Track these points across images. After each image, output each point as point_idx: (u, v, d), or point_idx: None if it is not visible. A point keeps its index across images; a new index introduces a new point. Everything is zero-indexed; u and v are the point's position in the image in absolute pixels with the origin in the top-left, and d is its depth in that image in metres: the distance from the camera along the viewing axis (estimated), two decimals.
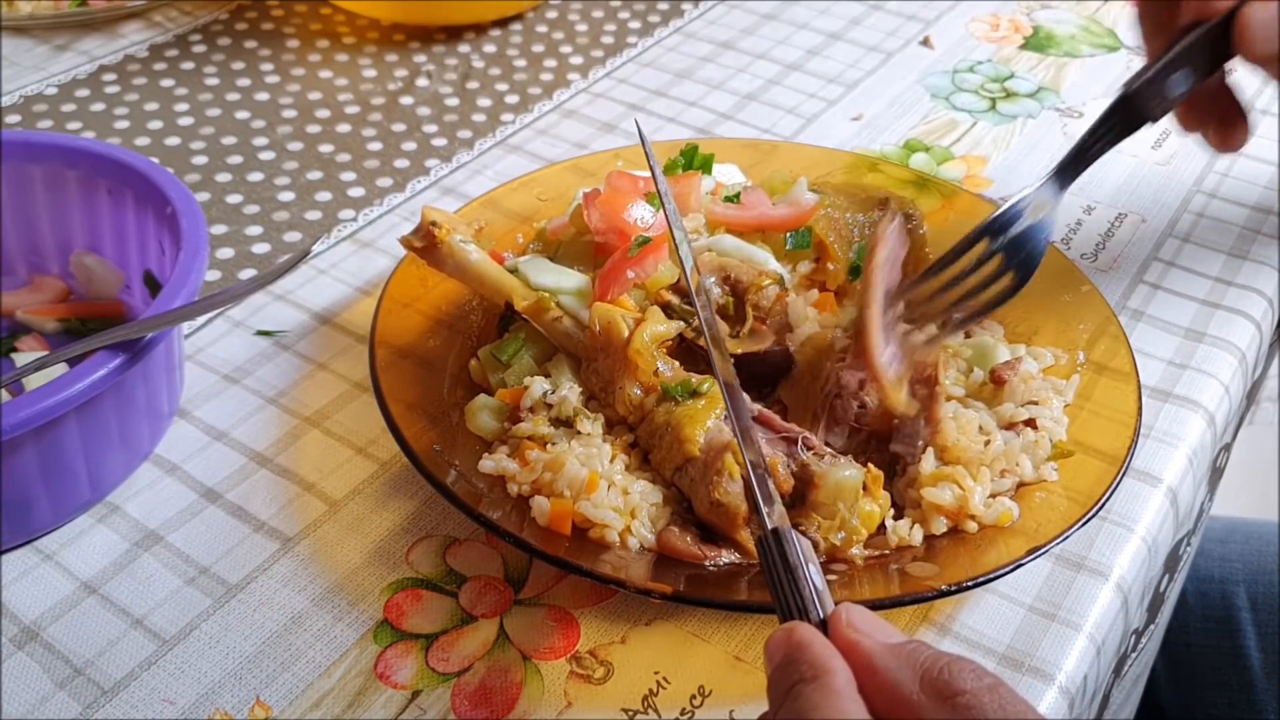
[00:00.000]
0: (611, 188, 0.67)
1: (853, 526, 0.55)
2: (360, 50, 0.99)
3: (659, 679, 0.53)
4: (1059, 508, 0.56)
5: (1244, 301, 0.74)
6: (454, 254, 0.63)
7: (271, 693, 0.52)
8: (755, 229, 0.67)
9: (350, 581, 0.57)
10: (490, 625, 0.55)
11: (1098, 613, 0.56)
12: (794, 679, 0.40)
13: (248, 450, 0.63)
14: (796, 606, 0.43)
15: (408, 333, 0.65)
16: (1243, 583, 0.93)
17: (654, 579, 0.52)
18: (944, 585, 0.51)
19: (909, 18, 1.05)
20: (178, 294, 0.57)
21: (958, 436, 0.58)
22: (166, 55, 0.97)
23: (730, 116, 0.91)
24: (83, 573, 0.57)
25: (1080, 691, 0.54)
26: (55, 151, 0.67)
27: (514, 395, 0.61)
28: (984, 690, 0.38)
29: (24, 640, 0.54)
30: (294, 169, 0.85)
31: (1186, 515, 0.66)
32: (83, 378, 0.53)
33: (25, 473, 0.54)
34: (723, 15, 1.05)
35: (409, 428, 0.58)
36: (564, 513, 0.55)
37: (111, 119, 0.89)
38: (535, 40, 1.02)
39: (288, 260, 0.60)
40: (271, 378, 0.67)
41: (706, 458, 0.55)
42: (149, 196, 0.65)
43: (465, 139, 0.89)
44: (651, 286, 0.63)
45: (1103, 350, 0.65)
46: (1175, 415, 0.66)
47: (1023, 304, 0.68)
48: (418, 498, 0.61)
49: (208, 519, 0.59)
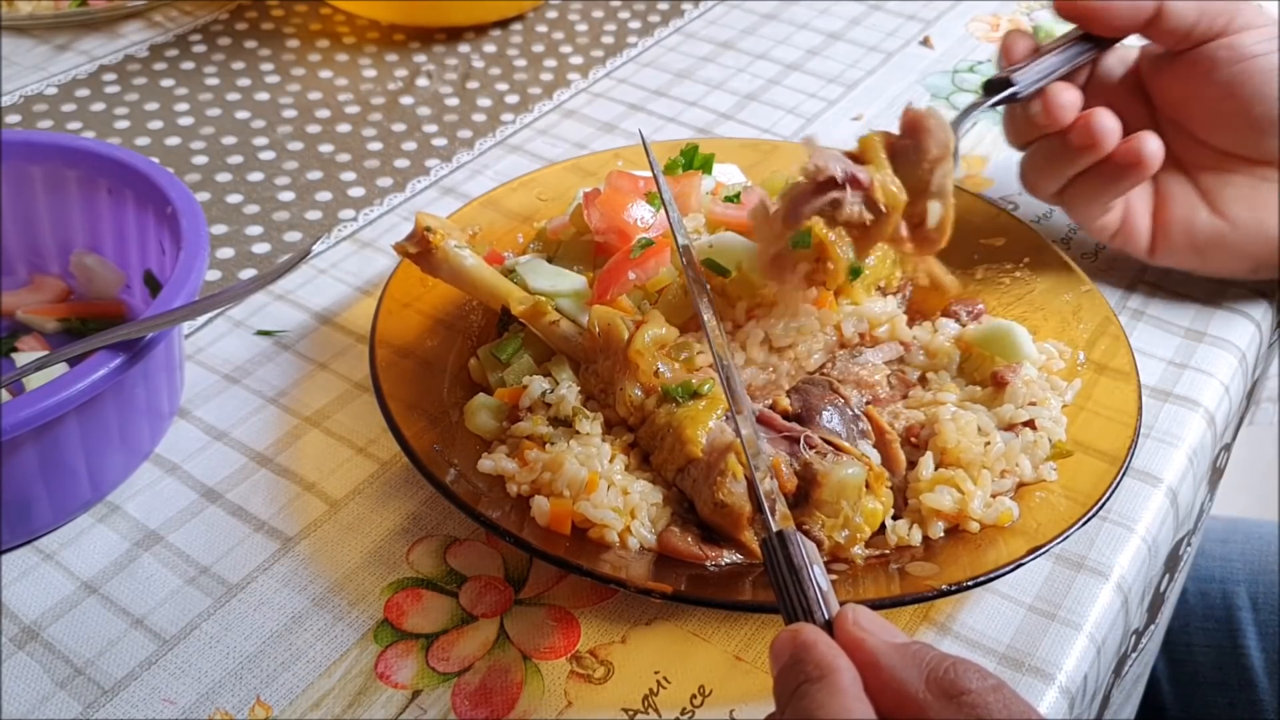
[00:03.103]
0: (611, 188, 0.67)
1: (856, 524, 0.55)
2: (360, 50, 0.99)
3: (659, 679, 0.53)
4: (1059, 508, 0.56)
5: (1244, 301, 0.74)
6: (449, 259, 0.63)
7: (272, 692, 0.52)
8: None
9: (350, 581, 0.57)
10: (490, 625, 0.55)
11: (1098, 612, 0.56)
12: (800, 679, 0.40)
13: (248, 450, 0.63)
14: (802, 608, 0.44)
15: (408, 333, 0.65)
16: (1243, 583, 0.93)
17: (654, 579, 0.52)
18: (944, 585, 0.51)
19: (909, 18, 1.05)
20: (178, 294, 0.57)
21: (958, 438, 0.58)
22: (166, 55, 0.97)
23: (730, 116, 0.91)
24: (83, 572, 0.57)
25: (1080, 691, 0.54)
26: (55, 151, 0.67)
27: (513, 395, 0.61)
28: (988, 690, 0.39)
29: (24, 640, 0.54)
30: (294, 169, 0.85)
31: (1187, 515, 0.66)
32: (83, 378, 0.52)
33: (25, 472, 0.54)
34: (723, 15, 1.05)
35: (409, 427, 0.58)
36: (564, 513, 0.55)
37: (111, 119, 0.89)
38: (535, 40, 1.02)
39: (288, 260, 0.60)
40: (271, 378, 0.67)
41: (709, 459, 0.55)
42: (149, 196, 0.65)
43: (465, 139, 0.89)
44: (651, 288, 0.63)
45: (1103, 350, 0.65)
46: (1175, 415, 0.66)
47: (1023, 304, 0.69)
48: (418, 498, 0.61)
49: (208, 519, 0.59)
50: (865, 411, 0.60)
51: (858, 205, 0.61)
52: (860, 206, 0.61)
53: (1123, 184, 0.67)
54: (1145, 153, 0.66)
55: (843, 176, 0.60)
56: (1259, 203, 0.68)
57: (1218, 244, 0.69)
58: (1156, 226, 0.71)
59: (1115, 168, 0.67)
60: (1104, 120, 0.66)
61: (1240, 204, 0.69)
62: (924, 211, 0.62)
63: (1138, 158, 0.66)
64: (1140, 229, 0.71)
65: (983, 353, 0.64)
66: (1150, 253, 0.71)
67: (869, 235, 0.62)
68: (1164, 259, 0.72)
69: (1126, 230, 0.71)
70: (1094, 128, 0.66)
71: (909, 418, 0.61)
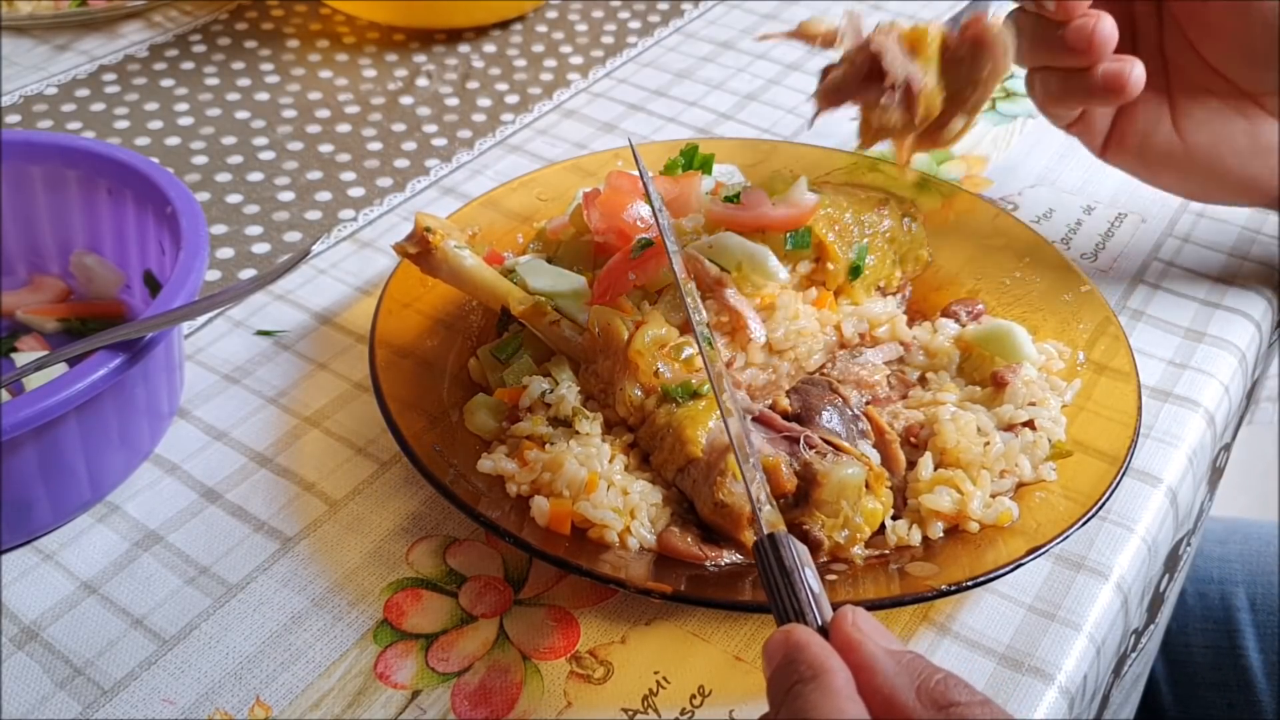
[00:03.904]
0: (611, 188, 0.67)
1: (856, 524, 0.55)
2: (360, 50, 0.99)
3: (659, 679, 0.53)
4: (1059, 508, 0.56)
5: (1244, 301, 0.74)
6: (448, 260, 0.63)
7: (271, 692, 0.52)
8: (755, 229, 0.67)
9: (350, 581, 0.57)
10: (490, 625, 0.55)
11: (1098, 613, 0.56)
12: (793, 679, 0.40)
13: (248, 450, 0.63)
14: (794, 610, 0.44)
15: (407, 332, 0.65)
16: (1242, 583, 0.93)
17: (654, 579, 0.52)
18: (944, 585, 0.52)
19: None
20: (178, 294, 0.57)
21: (957, 438, 0.58)
22: (166, 55, 0.97)
23: (730, 116, 0.91)
24: (83, 573, 0.57)
25: (1080, 691, 0.54)
26: (55, 151, 0.67)
27: (512, 395, 0.61)
28: (976, 704, 0.40)
29: (24, 640, 0.54)
30: (294, 169, 0.85)
31: (1186, 515, 0.66)
32: (83, 378, 0.52)
33: (25, 473, 0.54)
34: (723, 15, 1.05)
35: (409, 427, 0.58)
36: (563, 513, 0.55)
37: (111, 119, 0.89)
38: (535, 40, 1.02)
39: (288, 260, 0.60)
40: (271, 378, 0.67)
41: (709, 458, 0.55)
42: (149, 196, 0.65)
43: (465, 139, 0.89)
44: (651, 288, 0.63)
45: (1103, 350, 0.65)
46: (1175, 415, 0.66)
47: (1023, 304, 0.69)
48: (418, 498, 0.61)
49: (208, 519, 0.59)
50: (865, 411, 0.60)
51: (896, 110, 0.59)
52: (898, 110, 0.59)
53: (1094, 99, 0.65)
54: (1129, 80, 0.63)
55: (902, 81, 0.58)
56: (1221, 133, 0.68)
57: (1167, 162, 0.69)
58: (1114, 128, 0.69)
59: (1094, 82, 0.64)
60: (1104, 28, 0.62)
61: (1203, 130, 0.68)
62: (948, 119, 0.60)
63: (1120, 84, 0.63)
64: (1098, 127, 0.69)
65: (982, 353, 0.64)
66: (1101, 151, 0.70)
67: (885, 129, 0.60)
68: (1113, 160, 0.71)
69: (1084, 123, 0.69)
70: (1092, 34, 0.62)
71: (909, 418, 0.61)
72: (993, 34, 0.59)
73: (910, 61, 0.58)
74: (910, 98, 0.58)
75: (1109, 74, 0.64)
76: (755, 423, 0.58)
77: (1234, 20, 0.66)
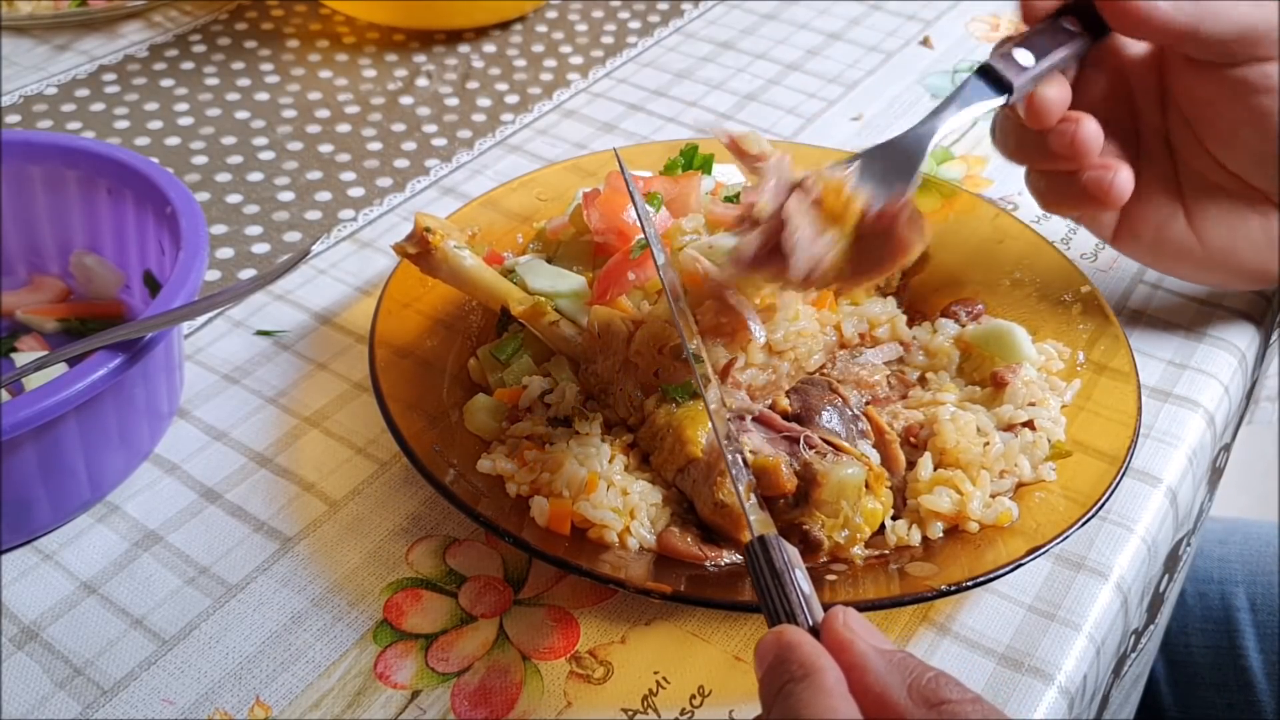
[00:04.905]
0: (611, 188, 0.67)
1: (855, 524, 0.55)
2: (360, 50, 0.99)
3: (659, 679, 0.53)
4: (1058, 508, 0.56)
5: (1244, 301, 0.74)
6: (448, 260, 0.63)
7: (271, 692, 0.52)
8: None
9: (350, 581, 0.57)
10: (490, 625, 0.55)
11: (1097, 613, 0.56)
12: (784, 679, 0.41)
13: (247, 450, 0.63)
14: (784, 612, 0.44)
15: (407, 333, 0.65)
16: (1242, 584, 0.93)
17: (654, 579, 0.52)
18: (944, 585, 0.52)
19: (909, 18, 1.05)
20: (177, 294, 0.57)
21: (957, 439, 0.58)
22: (166, 55, 0.97)
23: (730, 116, 0.91)
24: (83, 573, 0.57)
25: (1080, 691, 0.54)
26: (55, 151, 0.67)
27: (512, 395, 0.61)
28: (967, 702, 0.40)
29: (24, 640, 0.54)
30: (294, 169, 0.85)
31: (1186, 515, 0.66)
32: (83, 378, 0.53)
33: (25, 473, 0.54)
34: (723, 15, 1.05)
35: (409, 427, 0.58)
36: (563, 513, 0.55)
37: (111, 119, 0.89)
38: (535, 40, 1.02)
39: (288, 260, 0.60)
40: (271, 378, 0.67)
41: (709, 459, 0.55)
42: (149, 196, 0.65)
43: (465, 139, 0.89)
44: (651, 288, 0.63)
45: (1102, 350, 0.65)
46: (1175, 415, 0.66)
47: (1023, 304, 0.69)
48: (418, 498, 0.61)
49: (207, 519, 0.59)
50: (865, 412, 0.60)
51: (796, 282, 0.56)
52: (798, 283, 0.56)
53: (1084, 204, 0.64)
54: (1113, 188, 0.62)
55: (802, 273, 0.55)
56: (1238, 230, 0.65)
57: (1184, 257, 0.67)
58: (1125, 221, 0.67)
59: (1080, 188, 0.63)
60: (1086, 132, 0.61)
61: (1220, 227, 0.66)
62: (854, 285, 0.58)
63: (1103, 191, 0.62)
64: (1104, 220, 0.67)
65: (982, 353, 0.64)
66: (1113, 240, 0.68)
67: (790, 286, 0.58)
68: (1125, 251, 0.69)
69: (1089, 217, 0.68)
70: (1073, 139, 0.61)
71: (908, 418, 0.61)
72: (900, 229, 0.57)
73: (815, 240, 0.56)
74: (808, 282, 0.56)
75: (1091, 182, 0.62)
76: (755, 423, 0.58)
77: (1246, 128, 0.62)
